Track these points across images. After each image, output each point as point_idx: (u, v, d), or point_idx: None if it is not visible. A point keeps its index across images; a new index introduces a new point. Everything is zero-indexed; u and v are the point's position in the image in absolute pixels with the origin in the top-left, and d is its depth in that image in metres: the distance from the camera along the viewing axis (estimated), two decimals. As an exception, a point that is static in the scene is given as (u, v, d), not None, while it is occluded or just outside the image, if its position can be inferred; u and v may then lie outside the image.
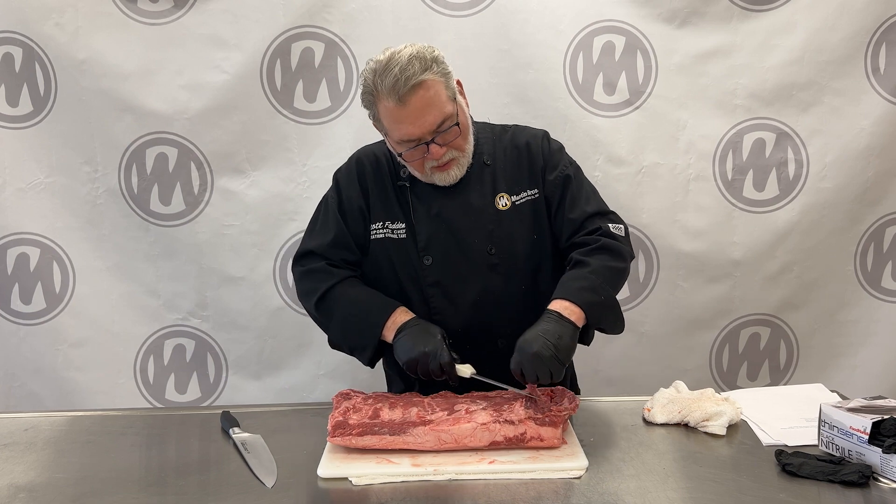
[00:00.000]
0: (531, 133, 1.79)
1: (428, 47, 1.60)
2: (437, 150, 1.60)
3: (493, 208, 1.71)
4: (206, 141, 2.43)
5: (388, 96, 1.55)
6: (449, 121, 1.59)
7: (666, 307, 2.51)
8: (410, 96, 1.54)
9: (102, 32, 2.36)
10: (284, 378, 2.56)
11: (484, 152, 1.73)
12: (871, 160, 2.43)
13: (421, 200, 1.71)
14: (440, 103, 1.57)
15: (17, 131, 2.42)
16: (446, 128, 1.59)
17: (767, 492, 1.26)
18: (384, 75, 1.54)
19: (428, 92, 1.55)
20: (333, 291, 1.71)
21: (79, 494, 1.33)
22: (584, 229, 1.70)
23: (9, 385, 2.51)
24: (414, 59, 1.54)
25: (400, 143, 1.61)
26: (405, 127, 1.57)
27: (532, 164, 1.74)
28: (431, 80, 1.56)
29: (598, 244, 1.66)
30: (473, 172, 1.71)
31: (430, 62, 1.56)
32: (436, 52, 1.60)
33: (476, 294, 1.70)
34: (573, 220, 1.70)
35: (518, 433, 1.41)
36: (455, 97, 1.62)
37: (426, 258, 1.70)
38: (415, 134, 1.58)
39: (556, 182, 1.73)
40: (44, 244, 2.47)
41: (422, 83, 1.54)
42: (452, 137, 1.61)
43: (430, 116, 1.57)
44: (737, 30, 2.40)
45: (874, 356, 2.53)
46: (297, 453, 1.46)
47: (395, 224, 1.72)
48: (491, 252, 1.69)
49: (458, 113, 1.62)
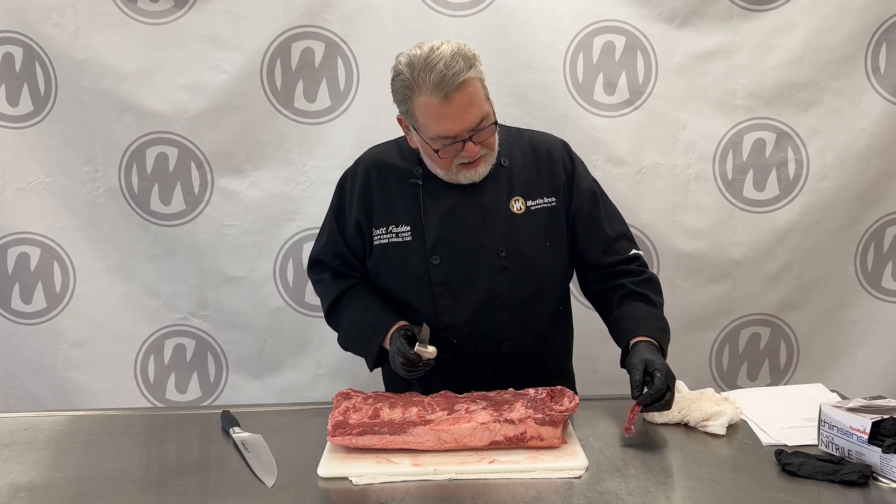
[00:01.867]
0: (551, 140, 1.80)
1: (466, 45, 1.59)
2: (473, 147, 1.60)
3: (507, 210, 1.70)
4: (206, 141, 2.43)
5: (432, 92, 1.53)
6: (486, 119, 1.59)
7: (666, 307, 2.47)
8: (456, 94, 1.53)
9: (102, 32, 2.36)
10: (284, 378, 2.56)
11: (501, 153, 1.73)
12: (871, 160, 2.43)
13: (433, 199, 1.70)
14: (480, 101, 1.57)
15: (17, 131, 2.42)
16: (484, 126, 1.59)
17: (767, 492, 1.26)
18: (426, 70, 1.53)
19: (473, 90, 1.55)
20: (339, 303, 1.79)
21: (79, 494, 1.33)
22: (621, 251, 1.75)
23: (9, 385, 2.51)
24: (458, 56, 1.53)
25: (436, 139, 1.59)
26: (445, 124, 1.56)
27: (553, 172, 1.74)
28: (475, 77, 1.56)
29: (645, 276, 1.74)
30: (490, 173, 1.70)
31: (472, 60, 1.56)
32: (475, 52, 1.59)
33: (483, 295, 1.69)
34: (608, 235, 1.75)
35: (518, 433, 1.41)
36: (489, 96, 1.62)
37: (434, 258, 1.69)
38: (454, 131, 1.57)
39: (586, 195, 1.74)
40: (44, 244, 2.47)
41: (467, 81, 1.54)
42: (487, 136, 1.62)
43: (471, 114, 1.56)
44: (737, 30, 2.40)
45: (874, 356, 2.53)
46: (297, 453, 1.46)
47: (399, 227, 1.71)
48: (502, 254, 1.69)
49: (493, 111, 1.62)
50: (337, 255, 1.80)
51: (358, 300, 1.77)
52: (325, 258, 1.81)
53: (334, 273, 1.81)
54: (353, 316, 1.76)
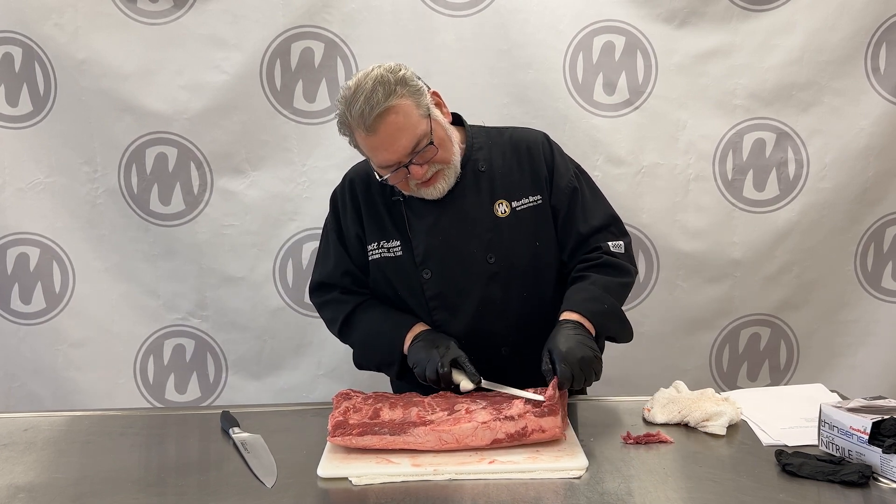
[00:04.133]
0: (531, 136, 1.77)
1: (394, 67, 1.57)
2: (418, 169, 1.58)
3: (491, 216, 1.69)
4: (205, 141, 2.43)
5: (357, 126, 1.54)
6: (424, 140, 1.57)
7: (666, 307, 2.51)
8: (378, 125, 1.52)
9: (102, 32, 2.36)
10: (284, 378, 2.55)
11: (479, 158, 1.71)
12: (870, 160, 2.43)
13: (416, 214, 1.69)
14: (411, 126, 1.55)
15: (16, 131, 2.42)
16: (422, 147, 1.57)
17: (767, 492, 1.26)
18: (352, 105, 1.53)
19: (397, 117, 1.53)
20: (352, 318, 1.76)
21: (79, 494, 1.33)
22: (588, 246, 1.71)
23: (9, 385, 2.51)
24: (378, 85, 1.52)
25: (380, 168, 1.60)
26: (380, 154, 1.56)
27: (535, 169, 1.72)
28: (398, 104, 1.53)
29: (598, 261, 1.69)
30: (468, 180, 1.69)
31: (394, 85, 1.53)
32: (402, 72, 1.57)
33: (477, 303, 1.69)
34: (580, 233, 1.71)
35: (519, 428, 1.41)
36: (429, 113, 1.59)
37: (425, 272, 1.69)
38: (391, 159, 1.56)
39: (564, 192, 1.72)
40: (44, 244, 2.47)
41: (388, 109, 1.52)
42: (431, 155, 1.59)
43: (402, 140, 1.55)
44: (737, 30, 2.40)
45: (874, 356, 2.53)
46: (297, 453, 1.46)
47: (389, 243, 1.71)
48: (490, 261, 1.68)
49: (434, 128, 1.59)
50: (347, 274, 1.77)
51: (372, 309, 1.75)
52: (333, 280, 1.78)
53: (343, 290, 1.78)
54: (371, 323, 1.74)
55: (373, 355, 1.77)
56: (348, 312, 1.76)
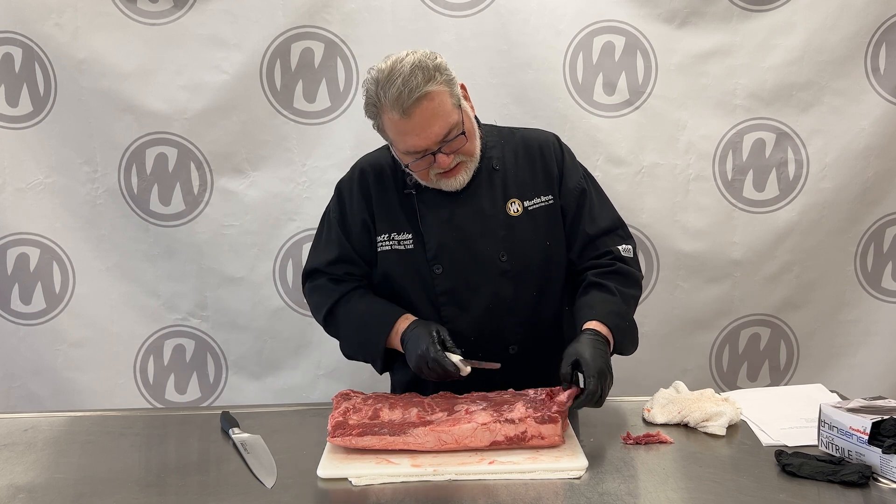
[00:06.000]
0: (543, 137, 1.78)
1: (430, 54, 1.57)
2: (444, 159, 1.58)
3: (504, 214, 1.69)
4: (205, 141, 2.43)
5: (392, 109, 1.52)
6: (455, 129, 1.57)
7: (666, 307, 2.51)
8: (415, 109, 1.51)
9: (102, 32, 2.36)
10: (284, 378, 2.55)
11: (493, 157, 1.71)
12: (870, 160, 2.43)
13: (429, 208, 1.69)
14: (445, 113, 1.55)
15: (16, 131, 2.42)
16: (452, 137, 1.57)
17: (767, 492, 1.26)
18: (387, 87, 1.52)
19: (432, 103, 1.53)
20: (338, 307, 1.73)
21: (79, 494, 1.33)
22: (596, 249, 1.71)
23: (8, 385, 2.51)
24: (417, 70, 1.51)
25: (406, 154, 1.59)
26: (411, 139, 1.55)
27: (546, 170, 1.73)
28: (436, 90, 1.53)
29: (612, 268, 1.68)
30: (482, 178, 1.69)
31: (433, 71, 1.53)
32: (438, 60, 1.57)
33: (488, 301, 1.68)
34: (588, 234, 1.71)
35: (519, 432, 1.41)
36: (460, 103, 1.60)
37: (436, 267, 1.68)
38: (421, 146, 1.56)
39: (573, 193, 1.72)
40: (44, 244, 2.47)
41: (426, 95, 1.51)
42: (459, 145, 1.59)
43: (435, 128, 1.54)
44: (737, 30, 2.40)
45: (874, 356, 2.53)
46: (297, 453, 1.46)
47: (400, 235, 1.70)
48: (503, 259, 1.68)
49: (464, 119, 1.59)
50: (339, 262, 1.74)
51: (359, 299, 1.72)
52: (324, 267, 1.76)
53: (332, 279, 1.76)
54: (355, 315, 1.71)
55: (357, 349, 1.76)
56: (334, 302, 1.72)
